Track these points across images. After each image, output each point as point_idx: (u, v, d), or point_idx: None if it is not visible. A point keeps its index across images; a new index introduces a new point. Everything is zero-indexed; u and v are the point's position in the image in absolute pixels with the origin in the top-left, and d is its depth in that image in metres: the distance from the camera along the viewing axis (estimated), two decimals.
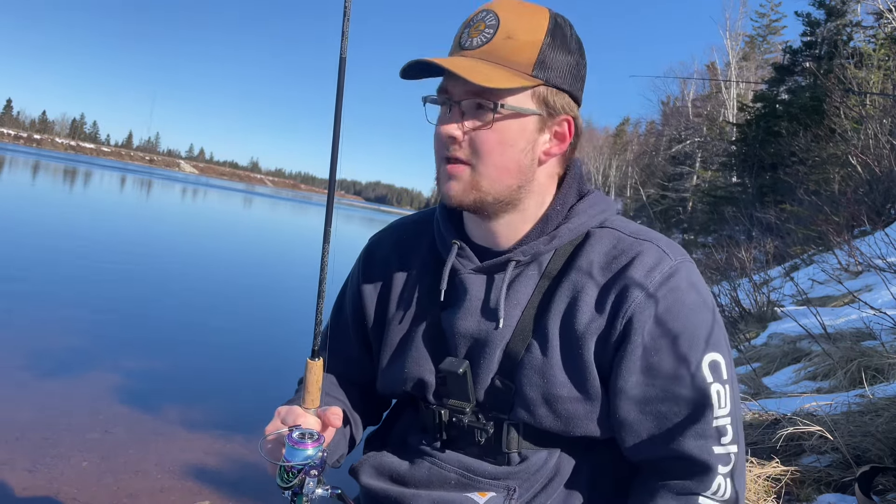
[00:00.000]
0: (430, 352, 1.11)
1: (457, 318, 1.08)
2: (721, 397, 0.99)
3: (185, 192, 46.20)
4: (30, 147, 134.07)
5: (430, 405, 1.12)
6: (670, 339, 0.98)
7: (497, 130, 0.99)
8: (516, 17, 1.00)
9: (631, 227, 1.07)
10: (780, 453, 2.44)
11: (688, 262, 1.04)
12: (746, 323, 5.99)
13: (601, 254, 1.04)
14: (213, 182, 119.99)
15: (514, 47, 0.98)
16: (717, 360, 1.00)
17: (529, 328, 1.04)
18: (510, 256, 1.06)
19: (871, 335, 3.97)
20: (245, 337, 6.40)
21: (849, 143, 13.73)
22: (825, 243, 8.76)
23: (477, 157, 1.00)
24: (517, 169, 1.02)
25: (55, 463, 3.06)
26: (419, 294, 1.15)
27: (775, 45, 36.55)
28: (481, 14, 1.01)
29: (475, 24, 1.00)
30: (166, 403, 4.08)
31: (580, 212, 1.07)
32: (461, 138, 1.00)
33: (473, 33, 1.00)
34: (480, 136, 0.99)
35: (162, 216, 21.63)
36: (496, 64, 0.98)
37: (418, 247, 1.19)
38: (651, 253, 1.01)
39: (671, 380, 0.99)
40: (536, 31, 0.99)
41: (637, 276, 0.99)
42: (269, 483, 0.96)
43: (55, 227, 12.31)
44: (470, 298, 1.08)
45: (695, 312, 1.00)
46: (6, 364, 4.24)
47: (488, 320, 1.06)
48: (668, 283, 0.99)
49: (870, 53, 17.13)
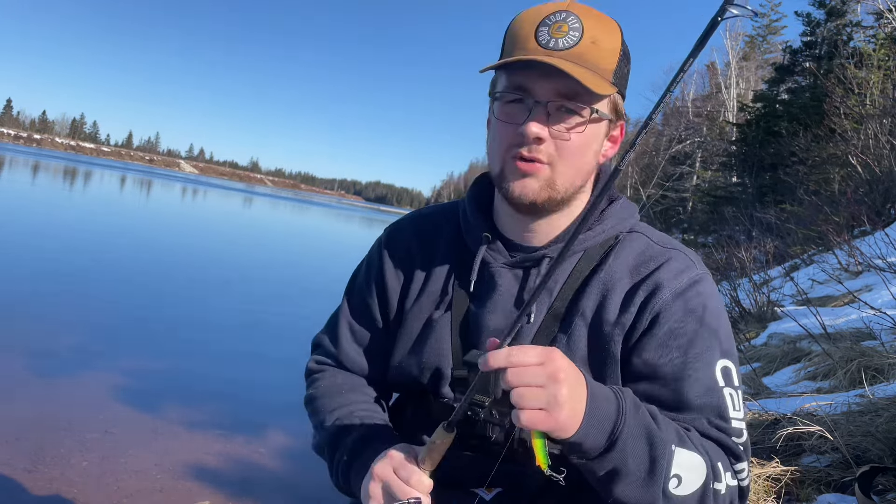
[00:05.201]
0: (453, 344, 1.12)
1: (485, 312, 1.10)
2: (735, 400, 1.01)
3: (186, 192, 46.20)
4: (30, 147, 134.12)
5: (442, 399, 1.12)
6: (687, 339, 1.01)
7: (583, 134, 1.01)
8: (596, 21, 1.01)
9: (658, 235, 1.12)
10: (780, 453, 2.44)
11: (709, 275, 1.09)
12: (746, 323, 5.99)
13: (631, 257, 1.07)
14: (213, 182, 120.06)
15: (599, 53, 0.99)
16: (729, 366, 1.03)
17: (556, 325, 1.05)
18: (545, 253, 1.08)
19: (871, 335, 3.97)
20: (245, 337, 6.40)
21: (849, 143, 13.73)
22: (825, 243, 8.76)
23: (559, 158, 1.01)
24: (588, 171, 1.06)
25: (55, 463, 3.06)
26: (443, 285, 1.15)
27: (775, 45, 36.55)
28: (560, 14, 1.00)
29: (555, 23, 0.99)
30: (166, 403, 4.07)
31: (611, 215, 1.10)
32: (548, 139, 1.00)
33: (556, 34, 0.99)
34: (567, 138, 1.00)
35: (162, 215, 21.63)
36: (586, 68, 0.98)
37: (439, 238, 1.20)
38: (680, 259, 1.06)
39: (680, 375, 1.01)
40: (616, 38, 1.02)
41: (666, 278, 1.03)
42: (269, 483, 0.96)
43: (55, 227, 12.30)
44: (500, 293, 1.09)
45: (716, 318, 1.04)
46: (6, 364, 4.23)
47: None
48: (694, 288, 1.04)
49: (870, 53, 17.10)
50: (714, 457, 0.94)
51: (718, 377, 1.00)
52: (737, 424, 1.00)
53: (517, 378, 0.80)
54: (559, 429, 0.81)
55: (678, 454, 0.89)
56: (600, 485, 0.90)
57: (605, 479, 0.88)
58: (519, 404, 0.80)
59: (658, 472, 0.87)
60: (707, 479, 0.92)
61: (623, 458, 0.86)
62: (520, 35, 1.01)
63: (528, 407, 0.80)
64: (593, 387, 0.86)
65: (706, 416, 0.98)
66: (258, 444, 3.67)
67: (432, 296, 1.16)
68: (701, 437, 0.96)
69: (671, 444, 0.89)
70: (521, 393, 0.80)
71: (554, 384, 0.80)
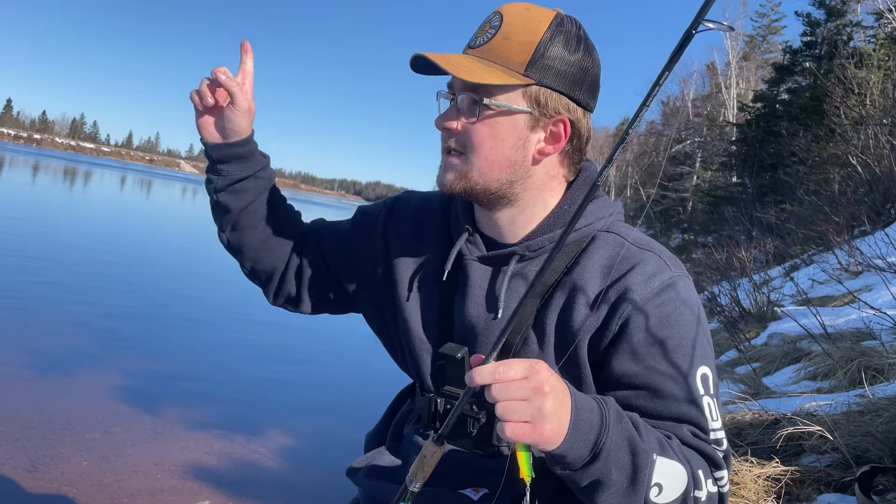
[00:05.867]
0: (434, 334, 1.14)
1: (459, 304, 1.11)
2: (713, 409, 1.01)
3: (186, 192, 46.17)
4: (30, 147, 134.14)
5: (426, 392, 1.13)
6: (662, 347, 1.00)
7: (488, 125, 1.03)
8: (518, 18, 1.02)
9: (635, 235, 1.09)
10: (780, 453, 2.44)
11: (686, 278, 1.07)
12: (746, 323, 5.99)
13: (604, 258, 1.06)
14: None
15: (508, 47, 1.01)
16: (707, 373, 1.02)
17: (528, 322, 1.05)
18: (514, 250, 1.08)
19: (871, 335, 3.97)
20: (245, 337, 6.40)
21: (849, 143, 13.72)
22: (825, 243, 8.76)
23: (468, 149, 1.05)
24: (507, 163, 1.05)
25: (55, 463, 3.06)
26: (428, 271, 1.17)
27: (775, 45, 36.54)
28: (492, 15, 1.05)
29: (484, 24, 1.05)
30: (166, 403, 4.08)
31: (588, 213, 1.08)
32: (457, 130, 1.05)
33: (480, 33, 1.05)
34: (471, 130, 1.04)
35: (162, 215, 21.63)
36: (491, 62, 1.01)
37: (433, 222, 1.22)
38: (652, 262, 1.04)
39: (660, 385, 1.00)
40: (534, 32, 1.01)
41: (636, 283, 1.01)
42: (269, 483, 0.96)
43: (55, 227, 12.30)
44: (472, 286, 1.11)
45: (688, 326, 1.02)
46: (6, 364, 4.24)
47: (488, 310, 1.09)
48: (665, 293, 1.02)
49: (870, 53, 17.11)
50: (695, 465, 0.95)
51: (698, 385, 1.00)
52: (715, 435, 1.00)
53: (502, 393, 0.80)
54: (544, 441, 0.82)
55: (659, 463, 0.89)
56: (583, 494, 0.91)
57: (588, 489, 0.89)
58: (504, 417, 0.80)
59: (640, 481, 0.88)
60: (688, 487, 0.92)
61: (606, 468, 0.86)
62: None
63: (512, 420, 0.80)
64: (577, 398, 0.86)
65: (686, 424, 0.98)
66: (258, 444, 3.67)
67: (414, 280, 1.18)
68: (682, 445, 0.97)
69: (653, 454, 0.89)
70: (505, 406, 0.80)
71: (539, 397, 0.80)
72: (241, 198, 1.23)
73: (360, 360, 6.00)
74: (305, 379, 5.30)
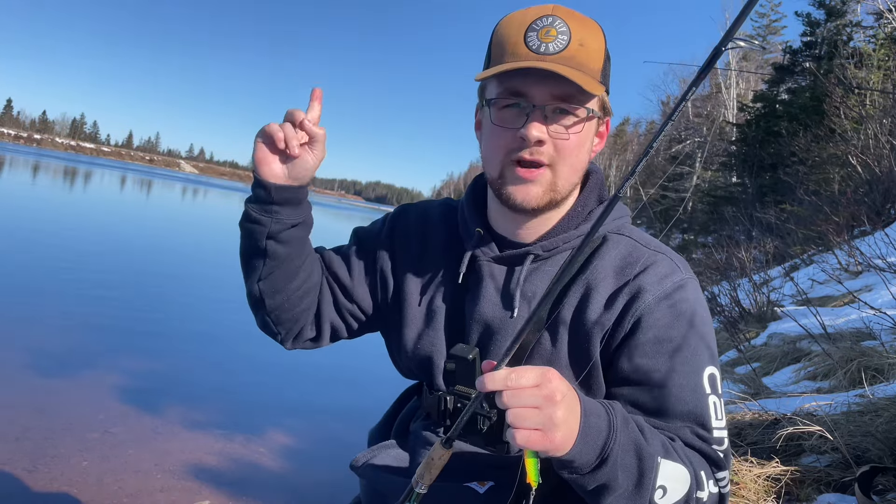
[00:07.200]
0: (444, 335, 1.15)
1: (472, 304, 1.12)
2: (717, 409, 1.02)
3: (186, 192, 46.17)
4: (30, 147, 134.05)
5: (435, 391, 1.14)
6: (672, 346, 1.02)
7: (579, 134, 1.04)
8: (580, 24, 1.02)
9: (645, 237, 1.12)
10: (780, 453, 2.44)
11: (694, 280, 1.09)
12: (746, 323, 5.99)
13: (617, 258, 1.08)
14: (213, 182, 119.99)
15: (587, 54, 1.01)
16: (714, 373, 1.04)
17: (542, 320, 1.06)
18: (529, 250, 1.09)
19: (871, 335, 3.97)
20: (245, 337, 6.40)
21: (849, 143, 13.71)
22: (825, 243, 8.75)
23: (558, 159, 1.03)
24: (582, 169, 1.08)
25: (55, 463, 3.06)
26: (438, 277, 1.18)
27: (775, 45, 36.52)
28: (547, 19, 1.01)
29: (543, 28, 1.01)
30: (166, 403, 4.08)
31: (597, 216, 1.09)
32: (548, 140, 1.02)
33: (545, 38, 1.00)
34: (566, 138, 1.02)
35: (162, 215, 21.62)
36: (577, 70, 1.00)
37: (438, 230, 1.22)
38: (664, 264, 1.06)
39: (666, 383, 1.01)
40: (599, 39, 1.04)
41: (650, 283, 1.03)
42: (269, 483, 0.96)
43: (56, 226, 12.30)
44: (486, 286, 1.11)
45: (698, 326, 1.04)
46: (6, 364, 4.24)
47: (504, 309, 1.10)
48: (677, 294, 1.04)
49: (870, 53, 17.10)
50: (697, 467, 0.96)
51: (706, 385, 1.01)
52: (718, 434, 1.01)
53: (514, 400, 0.80)
54: (554, 449, 0.82)
55: (664, 466, 0.91)
56: (589, 497, 0.92)
57: (595, 493, 0.90)
58: (515, 424, 0.80)
59: (645, 484, 0.89)
60: (690, 488, 0.94)
61: (613, 472, 0.87)
62: (508, 41, 1.02)
63: (524, 427, 0.80)
64: (587, 404, 0.86)
65: (689, 424, 1.00)
66: (258, 444, 3.67)
67: (427, 287, 1.18)
68: (685, 446, 0.98)
69: (658, 457, 0.90)
70: (517, 413, 0.80)
71: (551, 405, 0.80)
72: (289, 246, 1.14)
73: (360, 360, 6.00)
74: (305, 379, 5.30)
